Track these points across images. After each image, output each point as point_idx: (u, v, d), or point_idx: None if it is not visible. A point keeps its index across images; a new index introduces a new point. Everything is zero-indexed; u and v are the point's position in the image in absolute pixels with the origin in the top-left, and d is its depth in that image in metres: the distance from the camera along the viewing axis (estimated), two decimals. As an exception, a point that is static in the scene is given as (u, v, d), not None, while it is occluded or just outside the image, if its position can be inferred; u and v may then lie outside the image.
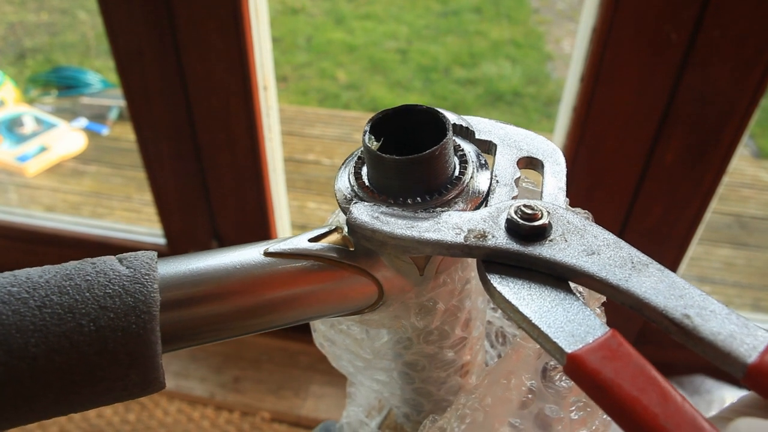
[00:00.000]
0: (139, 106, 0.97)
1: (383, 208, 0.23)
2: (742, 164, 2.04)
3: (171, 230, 1.15)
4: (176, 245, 1.16)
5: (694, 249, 0.96)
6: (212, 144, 0.99)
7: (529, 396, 0.25)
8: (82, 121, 2.15)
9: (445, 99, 2.49)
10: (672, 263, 0.96)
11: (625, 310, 0.26)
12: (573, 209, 0.24)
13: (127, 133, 2.10)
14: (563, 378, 0.25)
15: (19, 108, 2.14)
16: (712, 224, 1.74)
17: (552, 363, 0.25)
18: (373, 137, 0.23)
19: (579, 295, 0.22)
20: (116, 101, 2.18)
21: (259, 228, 1.09)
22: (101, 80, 2.37)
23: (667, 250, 0.95)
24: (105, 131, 2.14)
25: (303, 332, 1.38)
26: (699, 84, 0.76)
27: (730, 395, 1.05)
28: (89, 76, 2.36)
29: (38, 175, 1.94)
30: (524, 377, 0.25)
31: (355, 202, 0.23)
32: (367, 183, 0.24)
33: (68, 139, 2.03)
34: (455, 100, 2.47)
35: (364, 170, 0.24)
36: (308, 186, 1.92)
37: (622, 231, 0.92)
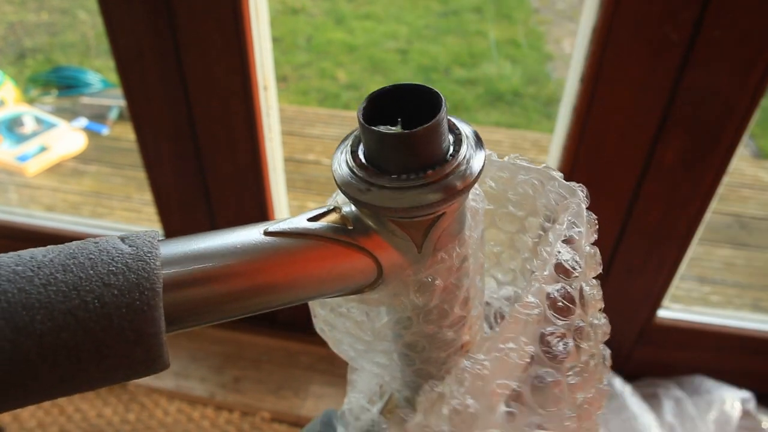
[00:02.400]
0: (139, 106, 0.97)
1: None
2: (742, 164, 2.04)
3: (171, 230, 1.15)
4: (176, 245, 1.16)
5: (694, 249, 0.96)
6: (212, 144, 0.99)
7: (527, 361, 0.26)
8: (82, 121, 2.15)
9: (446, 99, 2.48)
10: (672, 263, 0.96)
11: (624, 311, 0.26)
12: None
13: (127, 133, 2.10)
14: (560, 343, 0.25)
15: (19, 108, 2.14)
16: (712, 224, 1.74)
17: (549, 329, 0.25)
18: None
19: None
20: (116, 101, 2.18)
21: (259, 228, 1.09)
22: (101, 80, 2.37)
23: (667, 250, 0.95)
24: (105, 131, 2.14)
25: (303, 332, 1.39)
26: (699, 84, 0.76)
27: (730, 395, 1.05)
28: (89, 76, 2.36)
29: (38, 175, 1.94)
30: (523, 343, 0.25)
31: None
32: (364, 161, 0.24)
33: (68, 138, 2.03)
34: (455, 100, 2.47)
35: (361, 149, 0.24)
36: (308, 186, 1.92)
37: (622, 231, 0.92)
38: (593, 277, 0.27)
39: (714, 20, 0.71)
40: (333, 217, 0.25)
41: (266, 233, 0.23)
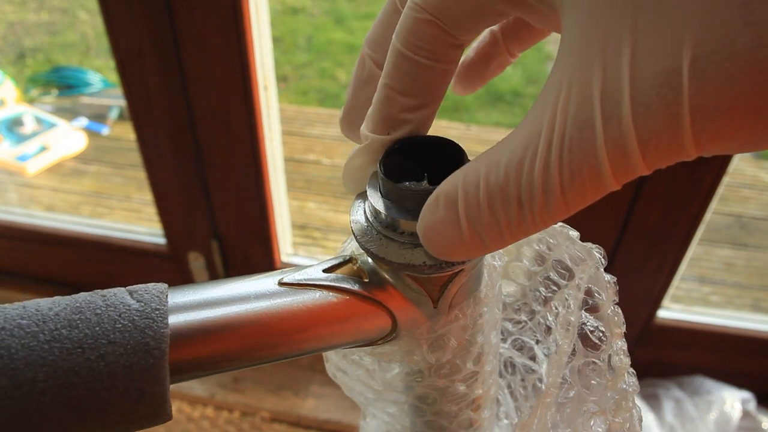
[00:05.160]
0: (139, 106, 0.97)
1: None
2: (742, 164, 2.04)
3: (171, 230, 1.15)
4: (176, 245, 1.16)
5: (694, 249, 0.96)
6: (212, 144, 0.99)
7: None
8: (83, 121, 2.15)
9: (446, 99, 2.48)
10: (672, 263, 0.96)
11: (624, 311, 0.26)
12: None
13: (127, 133, 2.10)
14: (597, 422, 0.26)
15: (19, 107, 2.14)
16: (712, 224, 1.75)
17: (584, 408, 0.25)
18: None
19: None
20: (116, 101, 2.18)
21: (259, 228, 1.09)
22: (101, 80, 2.37)
23: (667, 251, 0.95)
24: (105, 131, 2.14)
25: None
26: (699, 84, 0.76)
27: (730, 395, 1.05)
28: (89, 76, 2.36)
29: (38, 175, 1.94)
30: (562, 427, 0.26)
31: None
32: (383, 214, 0.23)
33: (68, 138, 2.03)
34: (455, 100, 2.47)
35: (380, 201, 0.24)
36: (308, 186, 1.92)
37: (622, 231, 0.92)
38: (619, 341, 0.26)
39: (714, 20, 0.71)
40: (348, 268, 0.25)
41: (281, 284, 0.23)
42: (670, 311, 1.07)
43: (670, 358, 1.11)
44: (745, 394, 1.06)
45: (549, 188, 0.17)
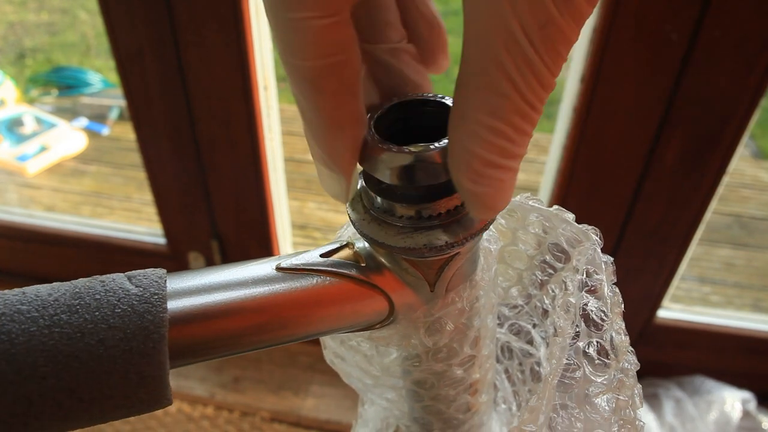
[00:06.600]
0: (139, 106, 0.97)
1: None
2: (742, 164, 2.04)
3: (171, 230, 1.15)
4: (176, 245, 1.16)
5: (694, 249, 0.96)
6: (212, 144, 0.99)
7: (579, 427, 0.26)
8: (83, 121, 2.15)
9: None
10: (672, 263, 0.96)
11: (624, 311, 0.26)
12: None
13: (127, 133, 2.10)
14: (603, 400, 0.26)
15: (19, 108, 2.14)
16: (712, 224, 1.75)
17: (592, 388, 0.26)
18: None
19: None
20: (116, 101, 2.18)
21: (259, 228, 1.09)
22: (101, 80, 2.37)
23: (667, 250, 0.95)
24: (105, 131, 2.14)
25: (303, 332, 1.39)
26: (699, 84, 0.76)
27: (730, 395, 1.05)
28: (89, 76, 2.36)
29: (38, 175, 1.94)
30: (571, 408, 0.26)
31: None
32: (379, 198, 0.23)
33: (68, 138, 2.03)
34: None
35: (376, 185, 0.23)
36: (308, 186, 1.92)
37: (622, 231, 0.92)
38: (619, 320, 0.27)
39: (714, 20, 0.71)
40: (346, 253, 0.25)
41: (278, 269, 0.23)
42: (670, 311, 1.07)
43: (670, 358, 1.11)
44: (745, 394, 1.06)
45: (537, 68, 0.18)
